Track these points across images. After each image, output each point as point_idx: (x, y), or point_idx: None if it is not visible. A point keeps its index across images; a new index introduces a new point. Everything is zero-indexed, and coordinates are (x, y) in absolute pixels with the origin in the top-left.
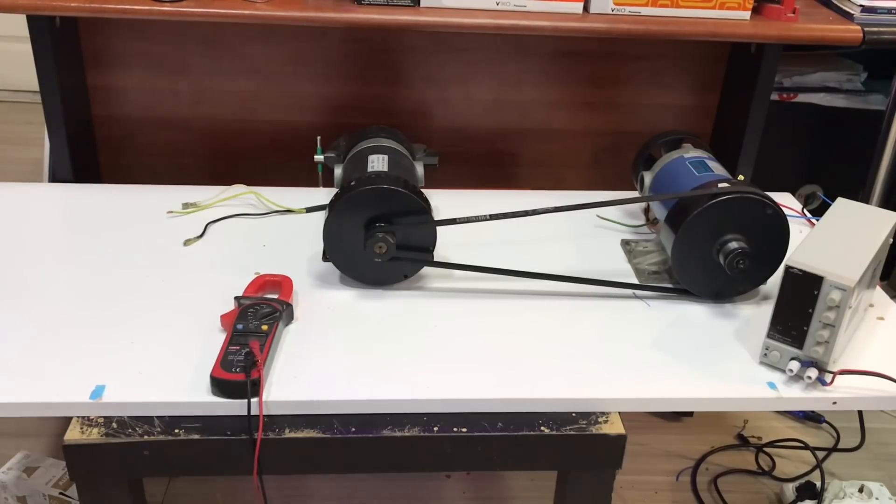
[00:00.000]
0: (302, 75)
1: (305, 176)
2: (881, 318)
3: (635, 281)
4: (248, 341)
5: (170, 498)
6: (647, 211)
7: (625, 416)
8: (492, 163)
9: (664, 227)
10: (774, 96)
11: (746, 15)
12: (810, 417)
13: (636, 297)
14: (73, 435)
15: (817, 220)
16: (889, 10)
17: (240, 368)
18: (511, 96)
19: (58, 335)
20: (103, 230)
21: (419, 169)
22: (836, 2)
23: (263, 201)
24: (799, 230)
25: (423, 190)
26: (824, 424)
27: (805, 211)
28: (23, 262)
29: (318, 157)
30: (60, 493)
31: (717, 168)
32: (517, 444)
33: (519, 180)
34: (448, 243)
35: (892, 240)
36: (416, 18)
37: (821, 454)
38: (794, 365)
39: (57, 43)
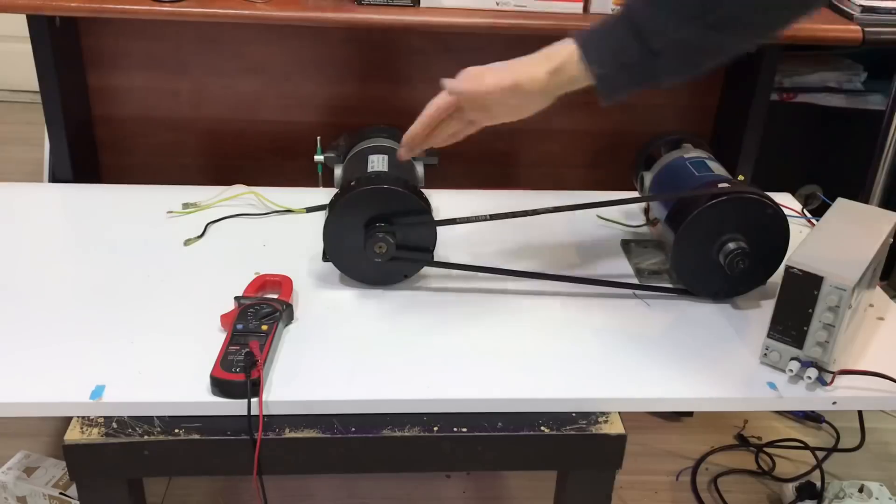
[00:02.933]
0: (302, 75)
1: (305, 176)
2: (881, 318)
3: (635, 281)
4: (248, 341)
5: (170, 498)
6: (647, 211)
7: (625, 416)
8: (492, 163)
9: (664, 227)
10: (774, 96)
11: None
12: (810, 417)
13: (636, 297)
14: (73, 435)
15: (817, 220)
16: (889, 10)
17: (240, 368)
18: None
19: (58, 335)
20: (103, 230)
21: (419, 169)
22: (836, 2)
23: (263, 201)
24: (799, 230)
25: (423, 190)
26: (824, 424)
27: (805, 211)
28: (23, 262)
29: (318, 157)
30: (60, 493)
31: (717, 168)
32: (517, 444)
33: (519, 180)
34: (448, 243)
35: (892, 240)
36: (416, 18)
37: (821, 454)
38: (794, 365)
39: (57, 43)
